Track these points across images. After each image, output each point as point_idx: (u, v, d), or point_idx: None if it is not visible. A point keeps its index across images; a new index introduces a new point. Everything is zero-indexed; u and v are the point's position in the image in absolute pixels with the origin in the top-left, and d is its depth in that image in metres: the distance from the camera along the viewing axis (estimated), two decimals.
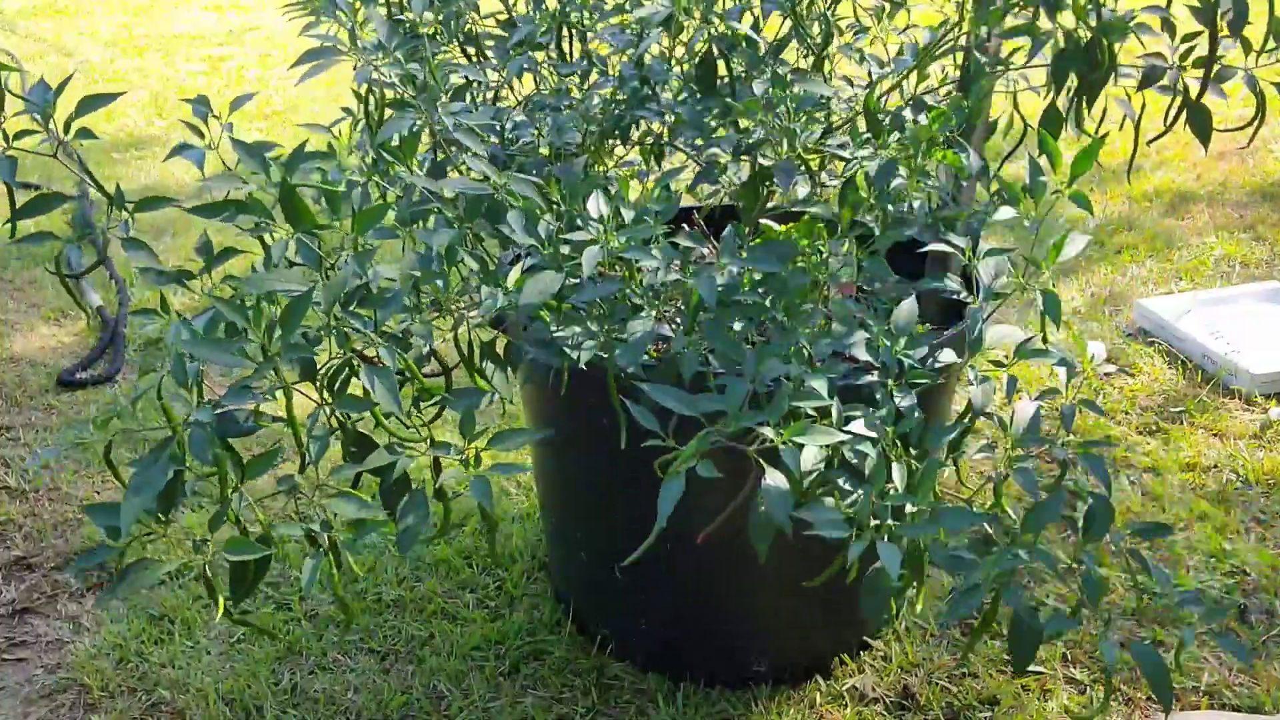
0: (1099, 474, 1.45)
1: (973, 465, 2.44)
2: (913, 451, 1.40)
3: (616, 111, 1.82)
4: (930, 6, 1.88)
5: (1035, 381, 2.78)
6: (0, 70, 1.40)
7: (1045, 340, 1.51)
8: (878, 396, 1.43)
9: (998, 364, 1.54)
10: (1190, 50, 1.76)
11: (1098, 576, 1.34)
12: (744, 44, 1.77)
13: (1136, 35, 1.66)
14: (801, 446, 1.30)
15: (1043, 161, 1.50)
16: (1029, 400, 1.50)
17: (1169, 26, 1.73)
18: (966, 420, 1.53)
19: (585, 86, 1.86)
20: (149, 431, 2.25)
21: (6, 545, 2.37)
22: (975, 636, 1.57)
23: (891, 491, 1.34)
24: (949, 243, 1.53)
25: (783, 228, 1.65)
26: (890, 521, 1.31)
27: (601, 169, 1.89)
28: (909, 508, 1.33)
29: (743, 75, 1.79)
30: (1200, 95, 1.74)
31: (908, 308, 1.49)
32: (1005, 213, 1.50)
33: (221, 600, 1.38)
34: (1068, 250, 1.48)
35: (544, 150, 1.80)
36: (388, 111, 1.64)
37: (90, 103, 1.42)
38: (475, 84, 1.85)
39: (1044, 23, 1.59)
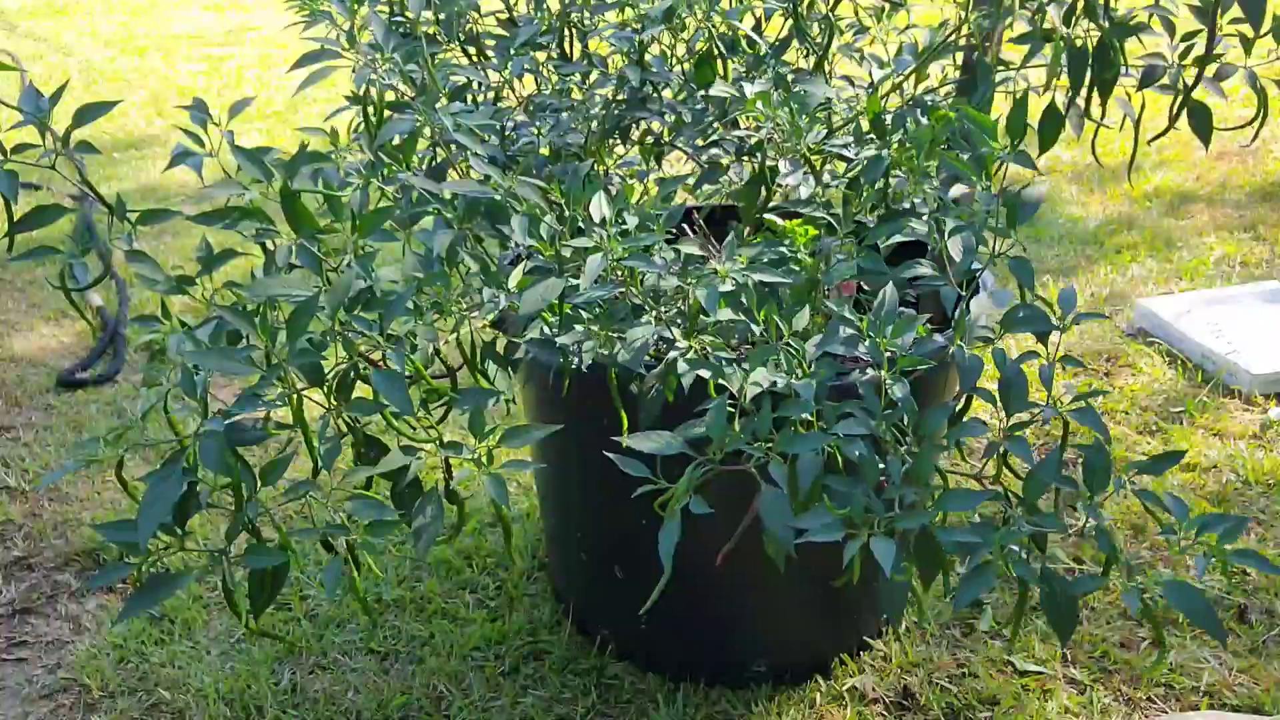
0: (1093, 425, 1.44)
1: (975, 448, 2.44)
2: (909, 440, 1.40)
3: (617, 111, 1.82)
4: (930, 6, 1.88)
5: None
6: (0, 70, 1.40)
7: (1024, 299, 1.50)
8: (861, 392, 1.43)
9: (986, 340, 1.53)
10: (1190, 49, 1.76)
11: (1108, 526, 1.33)
12: (744, 44, 1.77)
13: (1137, 35, 1.66)
14: (794, 457, 1.30)
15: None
16: (1010, 364, 1.49)
17: (1169, 25, 1.73)
18: (960, 401, 1.52)
19: (586, 86, 1.86)
20: (156, 442, 2.24)
21: (7, 545, 2.37)
22: (1015, 619, 1.54)
23: (889, 485, 1.34)
24: (912, 228, 1.54)
25: (784, 224, 1.65)
26: (896, 512, 1.30)
27: (602, 169, 1.89)
28: (911, 496, 1.32)
29: (743, 75, 1.79)
30: (1192, 87, 1.74)
31: (888, 297, 1.48)
32: (958, 189, 1.50)
33: (244, 612, 1.37)
34: (1026, 203, 1.48)
35: (544, 150, 1.80)
36: (387, 113, 1.64)
37: (87, 112, 1.41)
38: (475, 84, 1.85)
39: (1049, 23, 1.60)
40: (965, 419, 1.50)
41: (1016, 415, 1.44)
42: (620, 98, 1.82)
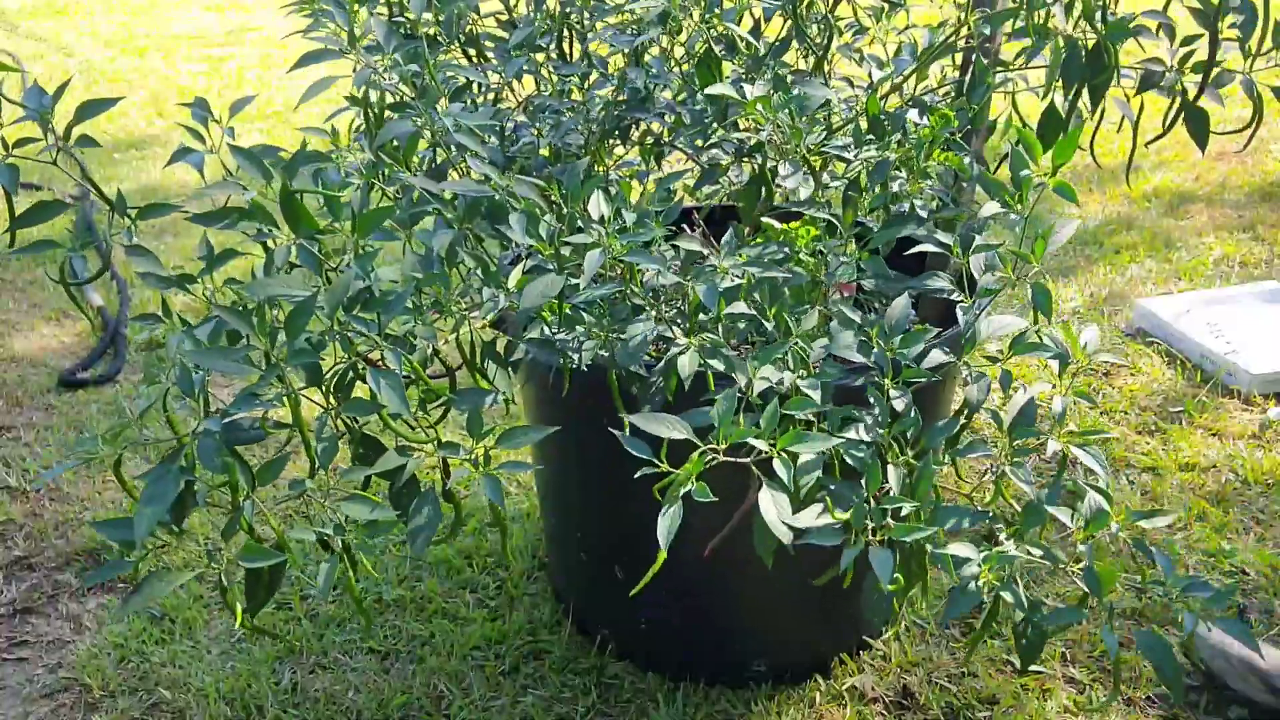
0: (1096, 466, 1.45)
1: (972, 465, 2.44)
2: (910, 451, 1.41)
3: (616, 112, 1.82)
4: (930, 7, 1.88)
5: (1032, 379, 2.78)
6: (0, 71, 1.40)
7: (1039, 333, 1.51)
8: (871, 399, 1.43)
9: (992, 359, 1.53)
10: (1190, 54, 1.76)
11: (1100, 568, 1.34)
12: (743, 45, 1.77)
13: (1136, 39, 1.66)
14: (796, 456, 1.30)
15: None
16: (1024, 393, 1.49)
17: (1168, 30, 1.74)
18: (963, 418, 1.53)
19: (586, 87, 1.86)
20: (154, 440, 2.25)
21: (7, 545, 2.37)
22: (977, 636, 1.57)
23: (888, 493, 1.34)
24: (937, 240, 1.53)
25: (784, 225, 1.65)
26: (890, 522, 1.31)
27: (602, 169, 1.89)
28: (907, 508, 1.33)
29: (743, 76, 1.79)
30: (1198, 96, 1.74)
31: (900, 306, 1.49)
32: (991, 207, 1.50)
33: (239, 610, 1.37)
34: (1055, 239, 1.48)
35: (544, 151, 1.81)
36: (388, 113, 1.64)
37: (89, 108, 1.41)
38: (475, 85, 1.85)
39: (1051, 23, 1.60)
40: (966, 438, 1.51)
41: (1021, 440, 1.45)
42: (620, 99, 1.82)
